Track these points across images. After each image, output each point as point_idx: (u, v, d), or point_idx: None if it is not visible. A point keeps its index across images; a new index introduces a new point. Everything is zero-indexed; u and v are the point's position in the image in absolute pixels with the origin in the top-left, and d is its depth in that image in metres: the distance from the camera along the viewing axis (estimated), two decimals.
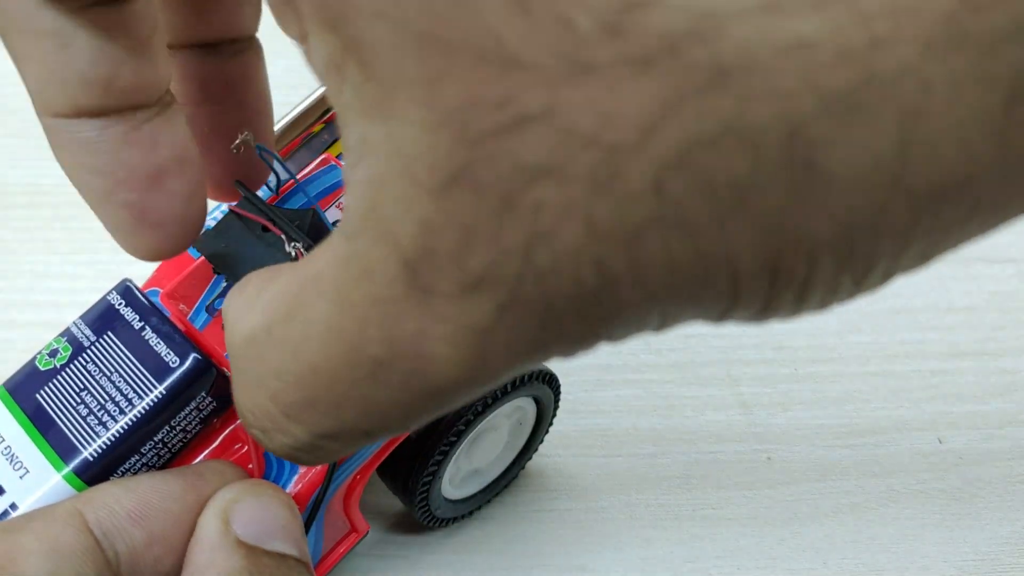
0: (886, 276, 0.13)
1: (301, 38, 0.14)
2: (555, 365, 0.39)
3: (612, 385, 0.39)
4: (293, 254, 0.23)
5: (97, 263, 0.41)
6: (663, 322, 0.13)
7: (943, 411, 0.39)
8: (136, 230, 0.21)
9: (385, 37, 0.12)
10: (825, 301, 0.13)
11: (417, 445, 0.29)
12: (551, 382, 0.32)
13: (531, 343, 0.13)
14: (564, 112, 0.11)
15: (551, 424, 0.34)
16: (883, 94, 0.11)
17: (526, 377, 0.30)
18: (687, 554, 0.34)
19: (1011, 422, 0.39)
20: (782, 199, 0.11)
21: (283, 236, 0.24)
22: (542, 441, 0.35)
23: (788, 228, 0.11)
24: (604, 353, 0.40)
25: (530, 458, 0.35)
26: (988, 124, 0.11)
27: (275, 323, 0.15)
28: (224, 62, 0.23)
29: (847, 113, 0.11)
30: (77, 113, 0.19)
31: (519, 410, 0.32)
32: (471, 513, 0.34)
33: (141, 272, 0.30)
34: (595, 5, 0.11)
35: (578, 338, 0.13)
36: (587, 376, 0.39)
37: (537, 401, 0.33)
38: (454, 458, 0.31)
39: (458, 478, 0.33)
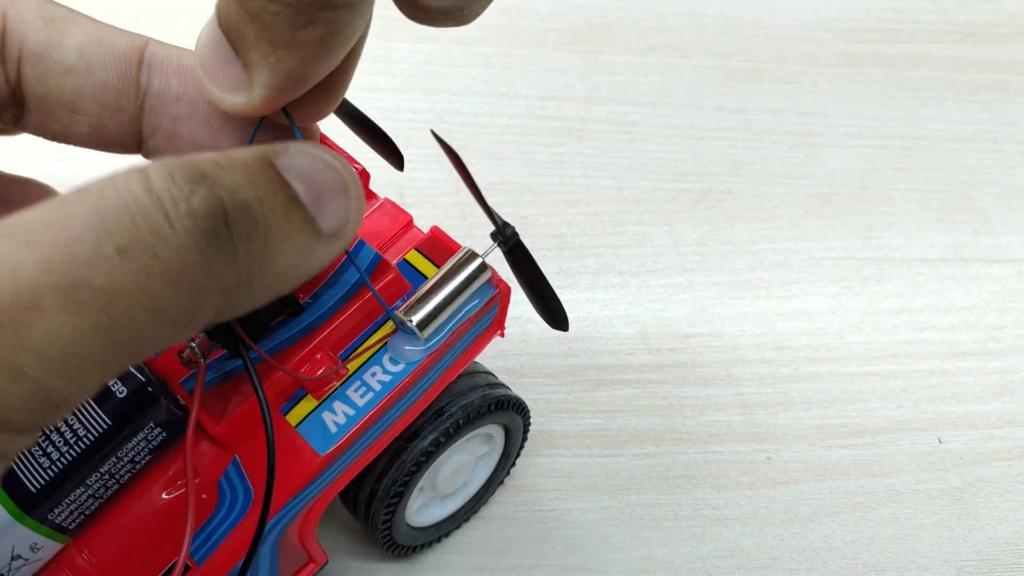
0: None
1: None
2: (555, 364, 0.39)
3: (612, 385, 0.39)
4: None
5: None
6: None
7: (943, 411, 0.39)
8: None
9: None
10: None
11: (380, 473, 0.28)
12: (521, 410, 0.31)
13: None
14: None
15: (519, 453, 0.34)
16: None
17: (495, 405, 0.30)
18: (687, 554, 0.34)
19: (1011, 422, 0.39)
20: None
21: None
22: (513, 465, 0.34)
23: None
24: (604, 353, 0.40)
25: (499, 485, 0.34)
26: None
27: None
28: None
29: None
30: None
31: (487, 438, 0.32)
32: (437, 541, 0.33)
33: None
34: None
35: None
36: (587, 376, 0.39)
37: (506, 429, 0.32)
38: (418, 485, 0.30)
39: (423, 505, 0.32)
